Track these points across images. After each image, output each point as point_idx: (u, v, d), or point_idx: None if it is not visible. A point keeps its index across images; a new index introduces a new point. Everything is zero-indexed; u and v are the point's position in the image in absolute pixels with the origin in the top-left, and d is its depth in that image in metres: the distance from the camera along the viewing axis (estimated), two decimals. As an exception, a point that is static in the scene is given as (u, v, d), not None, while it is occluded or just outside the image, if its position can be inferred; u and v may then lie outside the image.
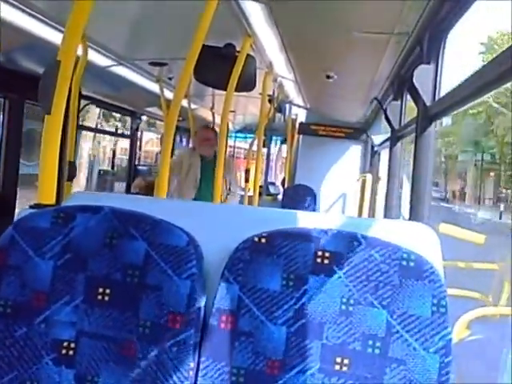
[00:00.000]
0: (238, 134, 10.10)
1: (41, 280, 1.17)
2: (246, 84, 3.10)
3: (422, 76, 2.27)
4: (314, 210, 6.17)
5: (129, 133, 6.36)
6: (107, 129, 10.76)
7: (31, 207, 1.37)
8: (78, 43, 1.56)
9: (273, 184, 9.12)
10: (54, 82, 1.42)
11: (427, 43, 2.33)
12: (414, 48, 2.66)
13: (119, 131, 6.92)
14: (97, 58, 3.64)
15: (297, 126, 6.99)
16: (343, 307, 1.12)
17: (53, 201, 1.45)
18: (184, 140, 7.73)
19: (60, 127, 1.47)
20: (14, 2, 2.58)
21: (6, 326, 1.15)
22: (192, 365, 1.13)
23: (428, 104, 2.25)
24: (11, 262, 1.17)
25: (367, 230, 1.19)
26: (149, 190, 4.88)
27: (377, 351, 1.10)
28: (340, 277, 1.13)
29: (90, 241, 1.18)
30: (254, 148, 4.90)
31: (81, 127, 4.09)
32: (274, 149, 9.58)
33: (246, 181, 5.37)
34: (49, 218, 1.20)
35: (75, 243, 1.18)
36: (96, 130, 8.60)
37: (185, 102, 5.36)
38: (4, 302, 1.16)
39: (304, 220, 1.26)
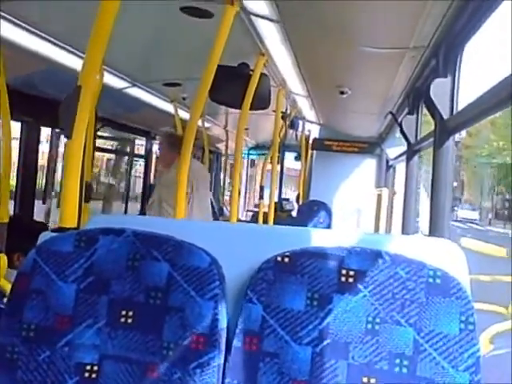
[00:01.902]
0: (251, 151, 10.12)
1: (64, 304, 1.16)
2: (261, 102, 3.11)
3: (438, 89, 2.26)
4: (328, 226, 6.14)
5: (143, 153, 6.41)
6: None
7: (53, 231, 1.37)
8: (98, 68, 1.57)
9: (287, 200, 9.11)
10: (75, 108, 1.43)
11: (443, 56, 2.32)
12: (429, 61, 2.65)
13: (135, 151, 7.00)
14: (111, 80, 3.68)
15: (310, 141, 6.99)
16: (369, 326, 1.10)
17: (74, 224, 1.46)
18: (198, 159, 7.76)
19: (81, 151, 1.48)
20: (32, 29, 2.62)
21: (29, 350, 1.15)
22: None
23: (445, 117, 2.24)
24: (34, 286, 1.18)
25: (389, 247, 1.17)
26: None
27: (404, 370, 1.08)
28: (365, 295, 1.12)
29: (113, 263, 1.18)
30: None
31: (98, 149, 4.12)
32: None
33: (261, 197, 5.37)
34: (71, 241, 1.20)
35: (98, 266, 1.18)
36: (112, 152, 8.69)
37: (199, 122, 5.39)
38: (27, 326, 1.16)
39: (324, 238, 1.25)
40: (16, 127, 3.68)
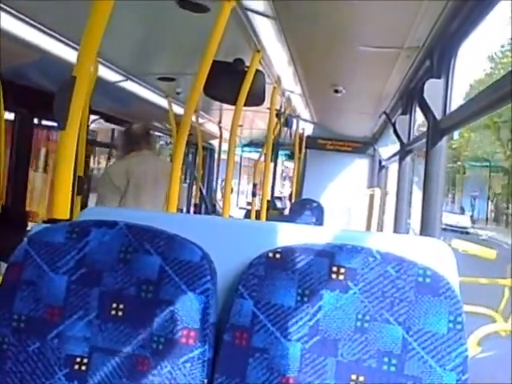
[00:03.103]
0: (245, 148, 10.13)
1: (54, 295, 1.16)
2: (256, 99, 3.11)
3: (432, 90, 2.27)
4: (320, 225, 6.15)
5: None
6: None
7: (44, 222, 1.37)
8: (93, 59, 1.56)
9: (279, 198, 9.12)
10: (69, 98, 1.42)
11: (438, 57, 2.33)
12: (424, 62, 2.66)
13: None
14: (106, 73, 3.67)
15: (304, 140, 7.00)
16: (358, 324, 1.11)
17: (67, 216, 1.45)
18: (191, 155, 7.75)
19: (75, 143, 1.47)
20: (26, 18, 2.60)
21: (19, 341, 1.15)
22: (206, 381, 1.11)
23: (438, 118, 2.25)
24: (25, 276, 1.17)
25: (380, 245, 1.17)
26: None
27: (392, 368, 1.08)
28: (355, 292, 1.12)
29: (105, 256, 1.17)
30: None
31: (91, 142, 4.10)
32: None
33: (253, 195, 5.37)
34: (63, 232, 1.19)
35: (89, 258, 1.17)
36: (105, 145, 8.65)
37: (192, 117, 5.38)
38: (17, 317, 1.15)
39: (316, 234, 1.25)
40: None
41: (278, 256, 1.15)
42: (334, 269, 1.13)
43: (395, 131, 3.59)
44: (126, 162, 3.59)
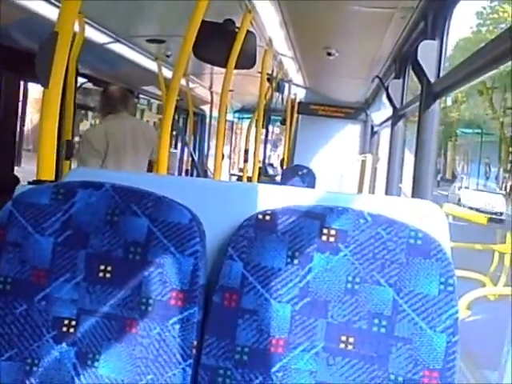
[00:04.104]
0: (236, 114, 10.05)
1: (41, 257, 1.14)
2: (246, 61, 3.05)
3: (426, 52, 2.23)
4: None
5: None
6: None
7: (30, 183, 1.34)
8: (75, 14, 1.51)
9: (271, 165, 9.10)
10: (52, 55, 1.37)
11: (432, 18, 2.29)
12: (418, 23, 2.61)
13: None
14: (93, 34, 3.58)
15: (296, 105, 6.94)
16: (349, 285, 1.10)
17: (52, 177, 1.42)
18: (181, 120, 7.68)
19: (58, 101, 1.43)
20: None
21: (5, 303, 1.13)
22: (195, 343, 1.11)
23: (432, 81, 2.21)
24: (10, 238, 1.15)
25: (372, 208, 1.16)
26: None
27: (382, 330, 1.08)
28: (346, 254, 1.11)
29: (91, 217, 1.15)
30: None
31: (79, 106, 4.04)
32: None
33: (245, 161, 5.35)
34: (49, 193, 1.17)
35: (76, 220, 1.15)
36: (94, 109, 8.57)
37: (183, 82, 5.30)
38: (3, 279, 1.14)
39: (307, 197, 1.24)
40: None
41: (267, 218, 1.14)
42: (325, 231, 1.12)
43: (388, 95, 3.55)
44: (104, 124, 3.56)
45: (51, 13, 2.90)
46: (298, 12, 3.04)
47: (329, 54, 3.87)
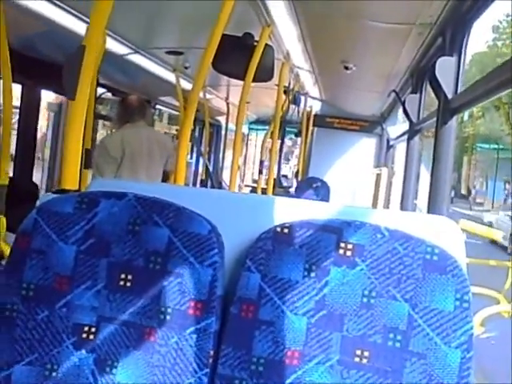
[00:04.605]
0: (252, 126, 10.08)
1: (63, 264, 1.16)
2: (264, 74, 3.08)
3: (443, 68, 2.24)
4: None
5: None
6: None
7: (54, 192, 1.36)
8: (103, 29, 1.55)
9: (285, 177, 9.11)
10: (79, 67, 1.41)
11: (450, 34, 2.30)
12: (436, 39, 2.62)
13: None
14: (114, 45, 3.64)
15: (311, 118, 6.95)
16: (365, 300, 1.11)
17: (76, 186, 1.45)
18: (197, 130, 7.72)
19: (84, 113, 1.46)
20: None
21: (28, 309, 1.16)
22: (212, 352, 1.12)
23: (450, 97, 2.22)
24: (35, 245, 1.17)
25: (388, 222, 1.17)
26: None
27: (397, 344, 1.08)
28: (362, 269, 1.12)
29: (113, 227, 1.17)
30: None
31: (99, 116, 4.08)
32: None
33: (260, 172, 5.36)
34: (72, 203, 1.19)
35: (98, 229, 1.17)
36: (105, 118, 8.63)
37: (200, 93, 5.34)
38: (27, 286, 1.16)
39: (324, 211, 1.25)
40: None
41: (285, 231, 1.15)
42: (342, 245, 1.13)
43: (405, 110, 3.56)
44: (121, 132, 3.60)
45: (71, 23, 2.96)
46: (316, 26, 3.07)
47: (346, 68, 3.88)
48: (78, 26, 2.93)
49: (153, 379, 1.11)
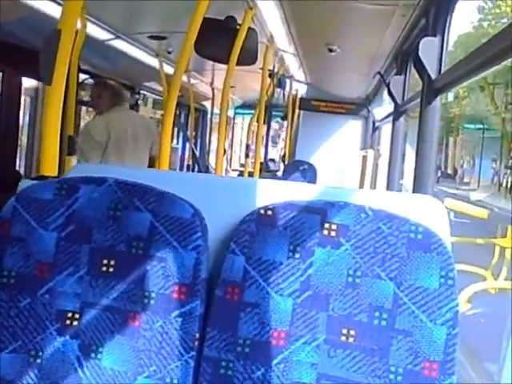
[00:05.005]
0: (238, 110, 10.04)
1: (44, 251, 1.15)
2: (248, 57, 3.06)
3: (427, 49, 2.24)
4: None
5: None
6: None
7: (33, 179, 1.35)
8: (78, 12, 1.52)
9: (272, 160, 9.10)
10: (55, 52, 1.39)
11: (433, 15, 2.29)
12: (419, 20, 2.61)
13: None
14: (95, 31, 3.59)
15: (297, 101, 6.94)
16: (350, 279, 1.11)
17: (55, 173, 1.44)
18: (183, 115, 7.68)
19: (61, 98, 1.44)
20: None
21: (9, 296, 1.15)
22: (197, 335, 1.12)
23: (433, 77, 2.22)
24: (14, 233, 1.16)
25: (373, 203, 1.17)
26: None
27: (383, 323, 1.09)
28: (347, 249, 1.12)
29: (94, 212, 1.16)
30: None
31: (81, 102, 4.04)
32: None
33: (247, 156, 5.36)
34: (52, 189, 1.18)
35: (79, 215, 1.16)
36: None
37: (184, 78, 5.30)
38: (8, 273, 1.15)
39: (308, 192, 1.25)
40: None
41: (269, 213, 1.15)
42: (326, 225, 1.13)
43: (389, 92, 3.56)
44: (105, 117, 3.55)
45: (51, 9, 2.91)
46: (300, 8, 3.05)
47: (330, 50, 3.87)
48: (57, 11, 2.89)
49: (139, 363, 1.12)
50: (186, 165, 7.12)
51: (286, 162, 7.15)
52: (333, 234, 1.13)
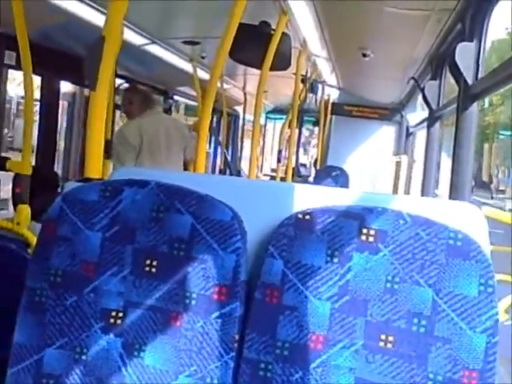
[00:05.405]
0: (269, 115, 10.06)
1: (90, 251, 1.18)
2: (281, 62, 3.07)
3: (463, 54, 2.21)
4: None
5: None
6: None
7: (78, 181, 1.39)
8: (121, 19, 1.55)
9: (303, 165, 9.09)
10: (99, 58, 1.42)
11: (470, 20, 2.27)
12: (455, 25, 2.59)
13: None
14: (131, 36, 3.65)
15: (329, 106, 6.91)
16: (388, 285, 1.11)
17: (99, 176, 1.47)
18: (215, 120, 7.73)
19: (105, 103, 1.48)
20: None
21: (56, 294, 1.18)
22: (237, 337, 1.13)
23: (470, 83, 2.20)
24: (61, 232, 1.19)
25: (410, 209, 1.16)
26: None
27: (422, 330, 1.08)
28: (385, 255, 1.12)
29: (137, 214, 1.19)
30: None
31: (117, 107, 4.11)
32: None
33: (278, 161, 5.36)
34: (97, 191, 1.21)
35: (123, 216, 1.19)
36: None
37: (217, 83, 5.34)
38: (55, 272, 1.18)
39: (344, 197, 1.24)
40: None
41: (307, 217, 1.15)
42: (364, 231, 1.13)
43: (424, 97, 3.52)
44: (138, 120, 3.61)
45: (90, 16, 2.98)
46: (333, 13, 3.04)
47: (364, 55, 3.85)
48: (95, 17, 2.95)
49: (180, 362, 1.13)
50: (219, 170, 7.16)
51: (318, 168, 7.13)
52: (371, 239, 1.12)
